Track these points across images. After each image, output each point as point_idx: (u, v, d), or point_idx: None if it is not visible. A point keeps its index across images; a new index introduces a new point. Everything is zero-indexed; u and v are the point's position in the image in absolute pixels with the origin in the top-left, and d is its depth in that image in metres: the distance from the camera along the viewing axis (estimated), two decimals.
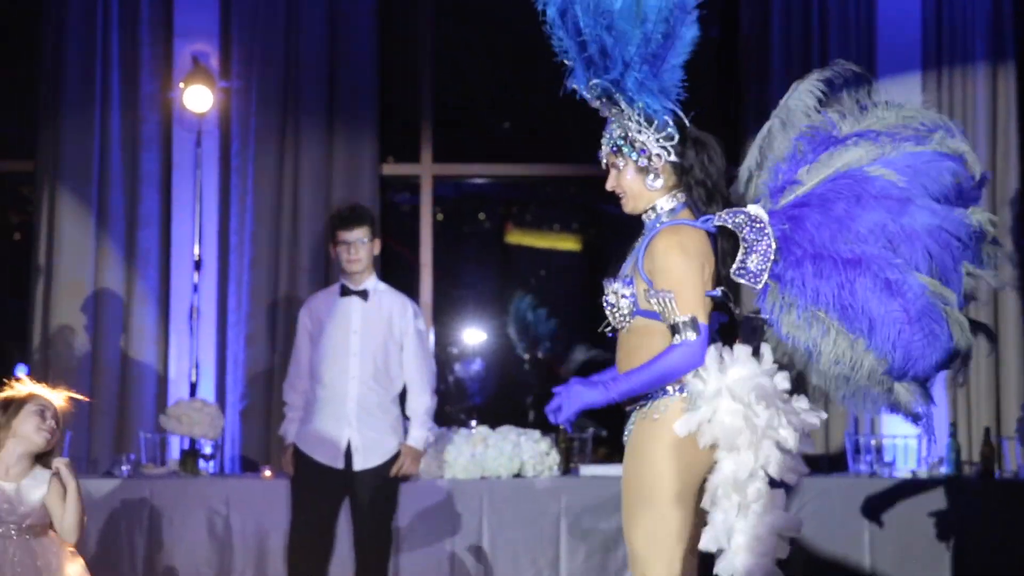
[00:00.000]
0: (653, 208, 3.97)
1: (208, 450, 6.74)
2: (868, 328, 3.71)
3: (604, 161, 4.02)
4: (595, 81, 3.88)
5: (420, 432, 6.37)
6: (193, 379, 7.62)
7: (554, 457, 6.63)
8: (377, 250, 6.44)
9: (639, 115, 3.89)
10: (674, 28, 3.85)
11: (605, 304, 3.96)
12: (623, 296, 3.88)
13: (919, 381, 3.86)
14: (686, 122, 3.95)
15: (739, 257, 3.81)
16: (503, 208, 11.87)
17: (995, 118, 7.65)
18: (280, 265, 7.77)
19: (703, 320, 3.78)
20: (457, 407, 9.16)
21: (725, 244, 3.88)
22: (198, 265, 7.71)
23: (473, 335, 10.61)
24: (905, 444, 7.00)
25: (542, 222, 12.33)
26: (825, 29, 7.68)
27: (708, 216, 3.89)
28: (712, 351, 3.78)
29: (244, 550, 6.45)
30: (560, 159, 8.64)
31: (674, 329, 3.77)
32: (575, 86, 3.95)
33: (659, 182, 3.93)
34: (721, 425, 3.72)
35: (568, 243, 12.55)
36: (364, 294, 6.39)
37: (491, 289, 11.45)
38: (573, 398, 3.77)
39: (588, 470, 6.69)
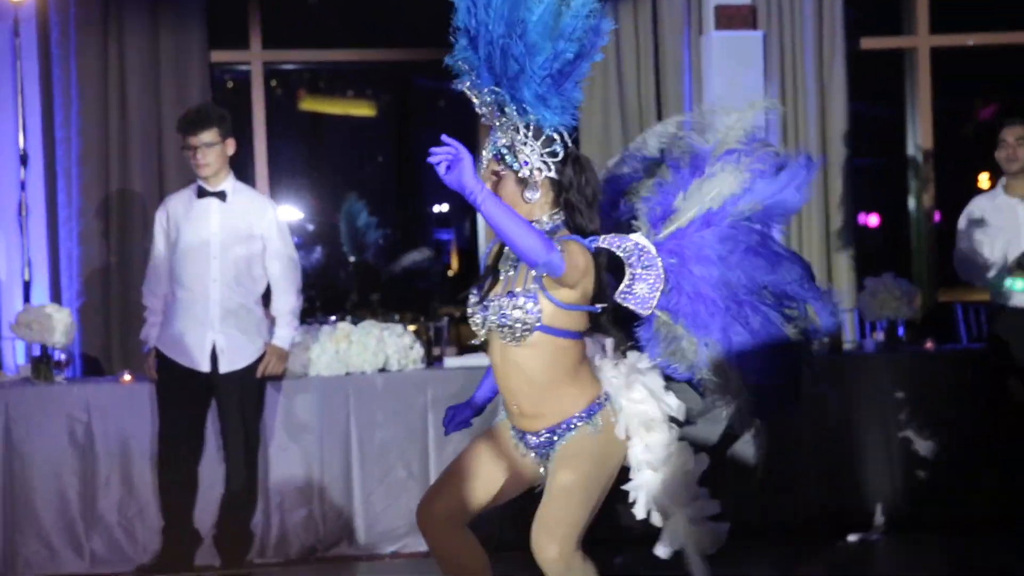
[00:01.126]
0: (536, 222, 4.01)
1: (63, 356, 6.58)
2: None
3: (484, 167, 4.03)
4: (495, 89, 3.89)
5: (285, 331, 6.35)
6: (26, 278, 7.39)
7: (418, 350, 6.69)
8: (231, 150, 6.30)
9: (527, 127, 3.93)
10: (584, 49, 3.90)
11: (502, 318, 3.93)
12: (528, 312, 3.90)
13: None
14: (568, 141, 4.00)
15: (625, 282, 3.98)
16: (295, 75, 11.75)
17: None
18: (111, 158, 7.57)
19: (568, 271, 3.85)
20: None
21: (604, 266, 4.01)
22: (24, 160, 7.44)
23: (292, 214, 10.55)
24: None
25: (335, 88, 12.25)
26: None
27: (594, 238, 4.01)
28: (608, 357, 4.09)
29: (108, 457, 6.36)
30: (377, 40, 8.58)
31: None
32: (470, 89, 3.94)
33: (537, 195, 3.97)
34: (638, 413, 3.98)
35: (363, 108, 12.50)
36: (222, 195, 6.27)
37: (298, 163, 11.35)
38: (465, 163, 3.66)
39: (452, 361, 6.78)
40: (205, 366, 6.21)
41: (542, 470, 4.08)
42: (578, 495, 3.89)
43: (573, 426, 3.97)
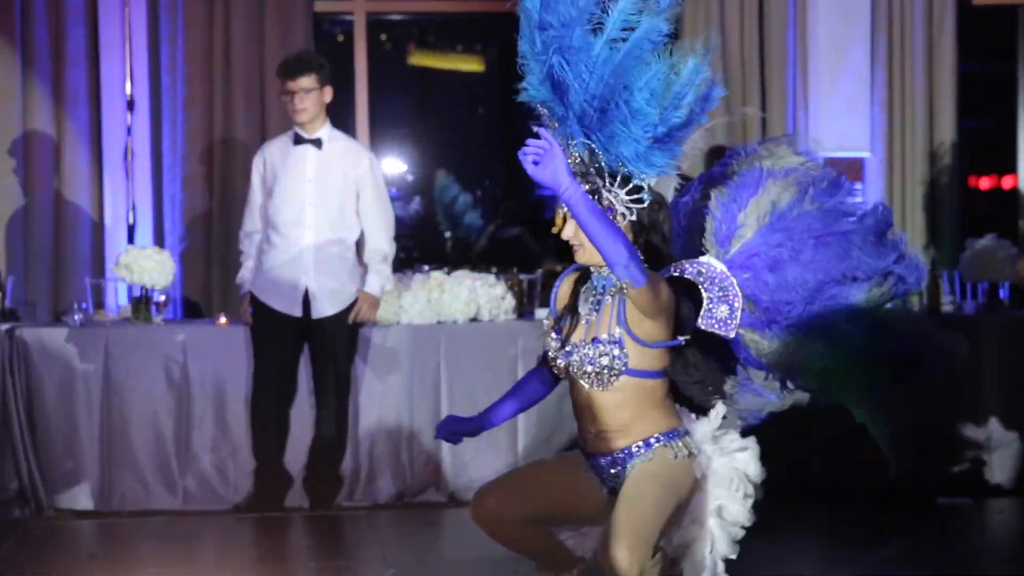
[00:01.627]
0: None
1: (162, 298, 6.69)
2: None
3: (562, 211, 3.84)
4: (584, 142, 3.75)
5: (377, 279, 6.41)
6: (131, 222, 7.54)
7: (509, 301, 6.71)
8: (328, 97, 6.37)
9: (614, 177, 3.80)
10: (692, 116, 3.77)
11: (588, 365, 3.85)
12: (615, 358, 3.83)
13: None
14: (652, 185, 3.89)
15: (705, 307, 3.89)
16: (404, 29, 11.75)
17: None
18: (214, 105, 7.64)
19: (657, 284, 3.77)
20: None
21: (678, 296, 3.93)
22: (130, 105, 7.57)
23: (393, 166, 10.60)
24: None
25: (444, 43, 12.24)
26: None
27: (666, 268, 3.94)
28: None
29: (203, 397, 6.47)
30: None
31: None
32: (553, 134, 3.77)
33: None
34: (729, 468, 3.91)
35: (471, 63, 12.48)
36: (318, 143, 6.34)
37: (405, 115, 11.37)
38: (557, 159, 3.56)
39: (543, 312, 6.78)
40: (298, 311, 6.30)
41: (605, 493, 4.02)
42: (650, 505, 3.79)
43: (650, 445, 3.89)
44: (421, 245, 9.34)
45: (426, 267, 6.96)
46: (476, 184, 9.07)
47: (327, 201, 6.32)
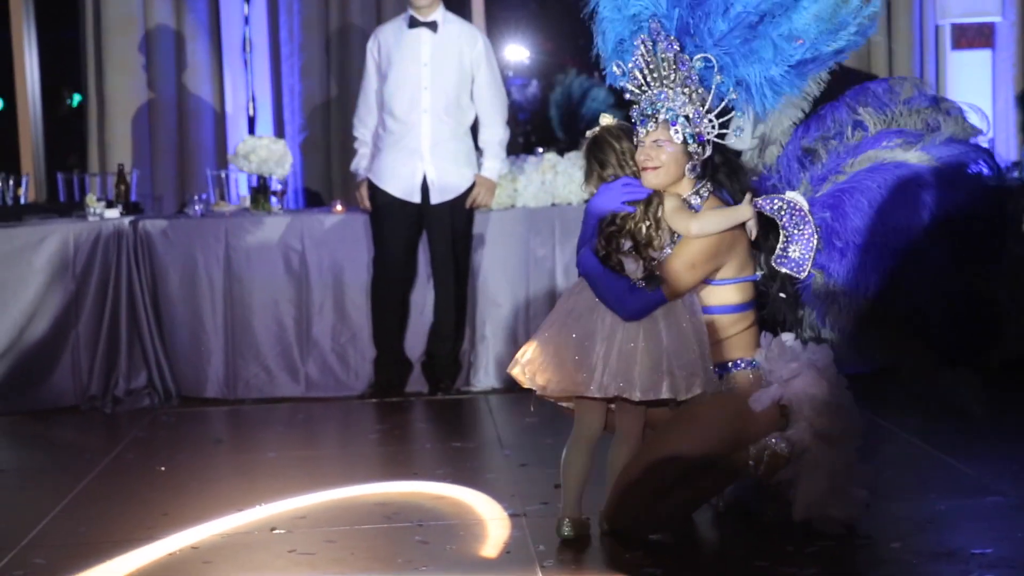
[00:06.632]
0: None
1: (279, 187, 6.73)
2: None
3: (647, 130, 3.85)
4: (708, 57, 3.76)
5: (493, 163, 6.37)
6: (251, 113, 7.58)
7: None
8: None
9: (704, 100, 3.80)
10: (845, 47, 3.77)
11: None
12: None
13: None
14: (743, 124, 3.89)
15: (779, 245, 3.83)
16: None
17: None
18: None
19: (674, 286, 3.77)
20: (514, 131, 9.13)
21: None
22: None
23: (516, 52, 10.47)
24: None
25: None
26: None
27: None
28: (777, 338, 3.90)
29: (322, 284, 6.52)
30: None
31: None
32: (666, 48, 3.81)
33: (696, 172, 3.86)
34: (806, 394, 3.81)
35: None
36: (433, 26, 6.28)
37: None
38: None
39: None
40: (416, 197, 6.29)
41: None
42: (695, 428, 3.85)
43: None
44: (538, 129, 9.25)
45: (540, 150, 6.89)
46: (595, 66, 8.87)
47: (443, 85, 6.27)
